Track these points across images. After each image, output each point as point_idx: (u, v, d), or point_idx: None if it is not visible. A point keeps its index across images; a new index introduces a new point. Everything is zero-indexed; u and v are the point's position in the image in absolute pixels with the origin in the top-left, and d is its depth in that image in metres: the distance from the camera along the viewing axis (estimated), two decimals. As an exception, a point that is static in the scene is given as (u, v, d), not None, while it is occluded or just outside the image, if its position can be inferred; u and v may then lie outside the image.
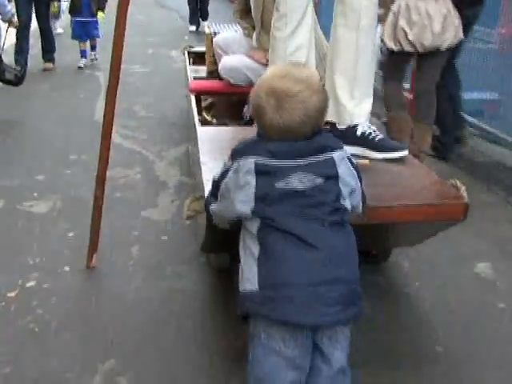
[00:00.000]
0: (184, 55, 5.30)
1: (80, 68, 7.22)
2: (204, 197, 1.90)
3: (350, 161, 1.64)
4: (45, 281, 2.64)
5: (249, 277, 1.55)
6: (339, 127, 2.49)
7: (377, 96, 2.65)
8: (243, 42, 3.87)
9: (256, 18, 3.55)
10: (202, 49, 4.88)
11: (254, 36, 3.70)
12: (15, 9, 6.32)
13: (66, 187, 3.64)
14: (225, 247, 2.48)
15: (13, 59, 6.35)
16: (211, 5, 10.52)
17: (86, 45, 7.39)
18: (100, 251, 2.79)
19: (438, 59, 3.70)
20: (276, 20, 2.49)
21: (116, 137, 4.31)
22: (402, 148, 2.46)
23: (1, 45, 5.51)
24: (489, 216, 3.40)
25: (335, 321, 1.54)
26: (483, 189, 3.81)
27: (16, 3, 6.41)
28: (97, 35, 7.36)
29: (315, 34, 2.71)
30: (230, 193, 1.59)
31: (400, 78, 3.95)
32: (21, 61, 6.33)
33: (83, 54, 7.35)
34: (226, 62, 3.83)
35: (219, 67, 3.91)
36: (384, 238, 2.62)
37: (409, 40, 3.58)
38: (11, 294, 2.54)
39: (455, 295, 2.64)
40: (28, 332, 2.30)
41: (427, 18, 3.50)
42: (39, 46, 7.12)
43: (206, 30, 4.56)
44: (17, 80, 5.23)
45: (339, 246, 1.56)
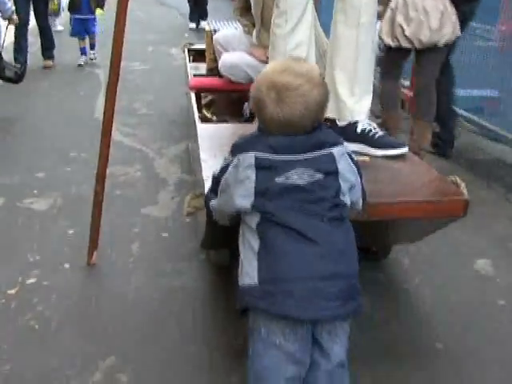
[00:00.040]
0: (184, 52, 5.30)
1: (80, 65, 7.22)
2: (204, 194, 1.90)
3: (350, 156, 1.64)
4: (45, 278, 2.64)
5: (248, 271, 1.55)
6: (339, 124, 2.49)
7: (375, 93, 2.65)
8: (243, 40, 3.87)
9: (256, 15, 3.55)
10: (202, 46, 4.88)
11: (254, 33, 3.70)
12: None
13: (66, 185, 3.64)
14: (225, 244, 2.48)
15: (13, 57, 6.34)
16: (211, 3, 10.50)
17: (86, 42, 7.39)
18: (100, 248, 2.79)
19: (436, 55, 3.70)
20: (276, 17, 2.49)
21: (116, 134, 4.31)
22: (402, 145, 2.46)
23: (1, 42, 5.50)
24: (489, 213, 3.40)
25: (335, 315, 1.55)
26: (483, 186, 3.81)
27: (15, 1, 6.39)
28: (93, 31, 7.34)
29: (315, 31, 2.71)
30: (230, 187, 1.59)
31: (397, 75, 3.95)
32: (20, 59, 6.33)
33: (83, 52, 7.35)
34: (226, 60, 3.83)
35: (219, 64, 3.91)
36: (384, 235, 2.62)
37: (406, 36, 3.58)
38: (11, 291, 2.54)
39: (455, 292, 2.64)
40: (28, 329, 2.30)
41: (424, 14, 3.51)
42: (38, 44, 7.12)
43: (206, 28, 4.57)
44: (17, 77, 5.23)
45: (339, 242, 1.56)
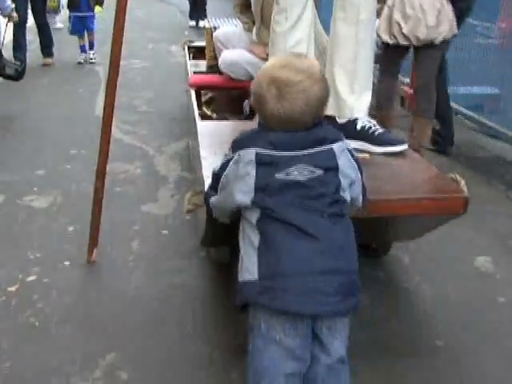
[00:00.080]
0: (184, 50, 5.30)
1: (80, 63, 7.22)
2: (204, 191, 1.90)
3: (351, 152, 1.64)
4: (45, 275, 2.64)
5: (248, 266, 1.55)
6: (339, 121, 2.49)
7: (373, 90, 2.65)
8: (243, 37, 3.86)
9: (256, 13, 3.54)
10: (202, 43, 4.88)
11: (254, 30, 3.69)
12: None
13: (67, 182, 3.64)
14: (225, 241, 2.48)
15: (12, 55, 6.33)
16: (211, 3, 10.46)
17: (85, 40, 7.38)
18: (100, 246, 2.79)
19: (434, 52, 3.70)
20: (276, 14, 2.48)
21: (116, 132, 4.31)
22: (402, 142, 2.46)
23: (1, 40, 5.49)
24: (489, 210, 3.40)
25: (335, 311, 1.55)
26: (483, 183, 3.82)
27: (13, -1, 6.40)
28: (92, 28, 7.32)
29: (315, 29, 2.71)
30: (230, 183, 1.59)
31: (395, 72, 3.95)
32: (20, 56, 6.30)
33: (83, 49, 7.34)
34: (226, 57, 3.83)
35: (219, 62, 3.90)
36: (384, 232, 2.62)
37: (403, 33, 3.59)
38: (11, 289, 2.54)
39: (455, 289, 2.64)
40: (28, 326, 2.31)
41: (421, 12, 3.52)
42: (37, 42, 7.11)
43: (206, 25, 4.57)
44: (17, 75, 5.22)
45: (338, 238, 1.56)
